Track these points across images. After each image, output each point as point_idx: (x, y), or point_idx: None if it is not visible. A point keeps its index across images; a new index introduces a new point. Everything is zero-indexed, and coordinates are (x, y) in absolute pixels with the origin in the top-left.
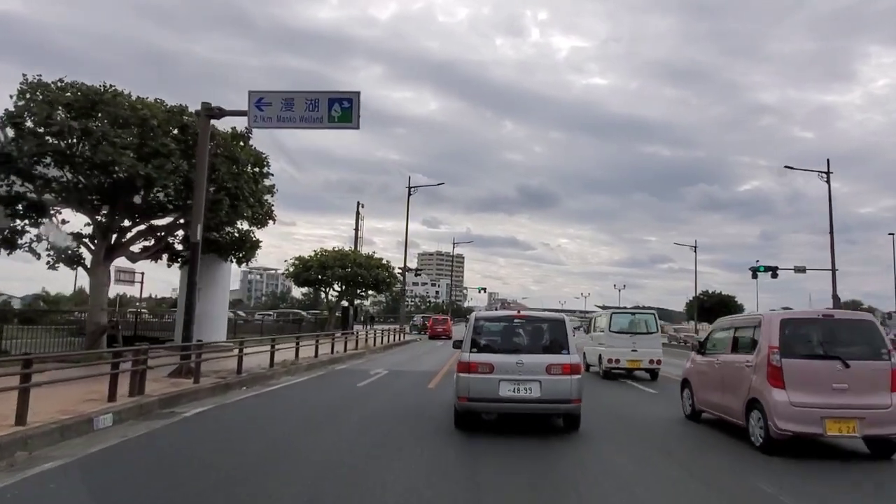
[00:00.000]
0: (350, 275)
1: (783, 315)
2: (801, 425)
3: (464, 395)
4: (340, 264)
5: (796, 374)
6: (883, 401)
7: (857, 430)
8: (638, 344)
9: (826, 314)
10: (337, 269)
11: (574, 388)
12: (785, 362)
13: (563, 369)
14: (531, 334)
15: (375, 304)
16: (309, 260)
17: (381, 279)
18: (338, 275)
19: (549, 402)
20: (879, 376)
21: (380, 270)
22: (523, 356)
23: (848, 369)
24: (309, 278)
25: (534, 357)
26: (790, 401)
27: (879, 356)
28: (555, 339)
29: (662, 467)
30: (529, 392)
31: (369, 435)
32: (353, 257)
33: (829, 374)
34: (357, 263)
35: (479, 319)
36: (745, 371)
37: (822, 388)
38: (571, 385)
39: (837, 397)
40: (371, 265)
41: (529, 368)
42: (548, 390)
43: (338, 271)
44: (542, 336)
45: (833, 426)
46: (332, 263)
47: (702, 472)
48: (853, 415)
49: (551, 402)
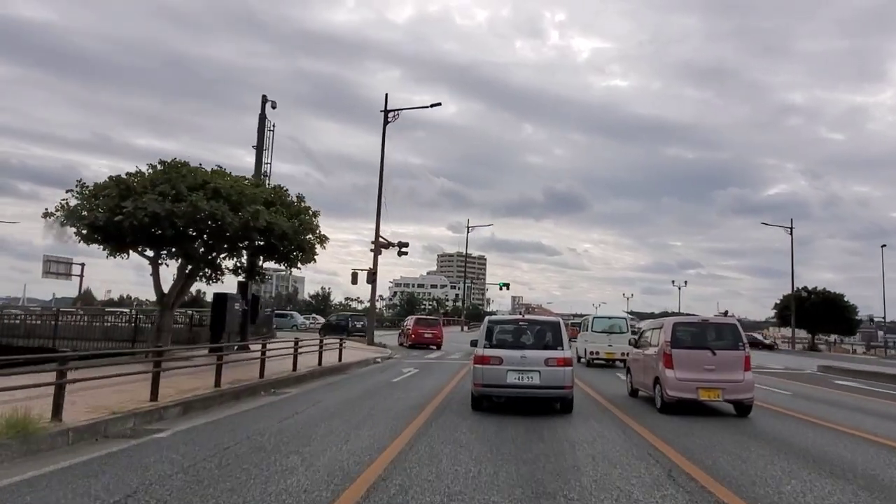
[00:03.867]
0: (228, 219)
1: (675, 320)
2: (683, 393)
3: (479, 382)
4: (190, 183)
5: (681, 359)
6: (738, 377)
7: (720, 396)
8: (613, 341)
9: (703, 319)
10: (189, 197)
11: (567, 377)
12: (674, 352)
13: (558, 362)
14: (533, 334)
15: (391, 306)
16: (111, 185)
17: (301, 237)
18: (187, 213)
19: (546, 388)
20: (736, 361)
21: (304, 222)
22: (526, 351)
23: (715, 356)
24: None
25: (535, 352)
26: (676, 377)
27: (737, 347)
28: (552, 337)
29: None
30: (531, 380)
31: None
32: (251, 190)
33: (702, 359)
34: (261, 201)
35: (492, 322)
36: (654, 358)
37: (698, 369)
38: (565, 374)
39: (707, 374)
40: (288, 206)
41: (531, 361)
42: (546, 378)
43: (188, 206)
44: (542, 335)
45: (704, 394)
46: (172, 183)
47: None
48: (717, 386)
49: (548, 388)
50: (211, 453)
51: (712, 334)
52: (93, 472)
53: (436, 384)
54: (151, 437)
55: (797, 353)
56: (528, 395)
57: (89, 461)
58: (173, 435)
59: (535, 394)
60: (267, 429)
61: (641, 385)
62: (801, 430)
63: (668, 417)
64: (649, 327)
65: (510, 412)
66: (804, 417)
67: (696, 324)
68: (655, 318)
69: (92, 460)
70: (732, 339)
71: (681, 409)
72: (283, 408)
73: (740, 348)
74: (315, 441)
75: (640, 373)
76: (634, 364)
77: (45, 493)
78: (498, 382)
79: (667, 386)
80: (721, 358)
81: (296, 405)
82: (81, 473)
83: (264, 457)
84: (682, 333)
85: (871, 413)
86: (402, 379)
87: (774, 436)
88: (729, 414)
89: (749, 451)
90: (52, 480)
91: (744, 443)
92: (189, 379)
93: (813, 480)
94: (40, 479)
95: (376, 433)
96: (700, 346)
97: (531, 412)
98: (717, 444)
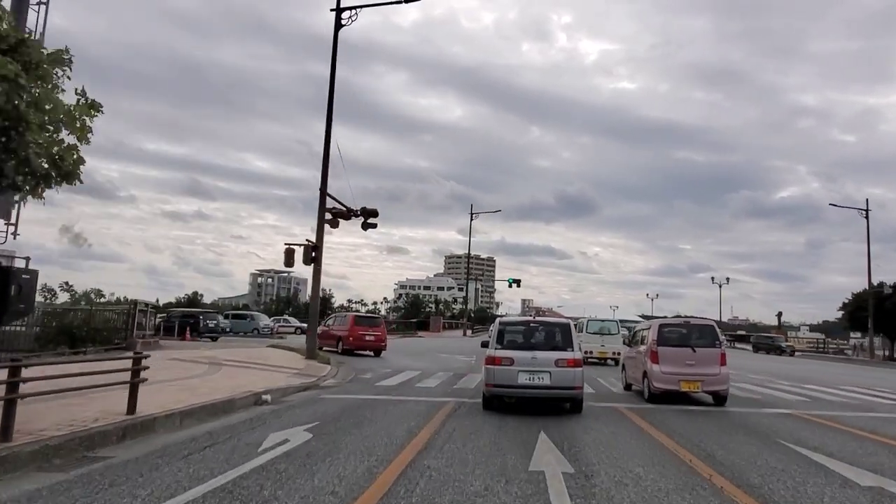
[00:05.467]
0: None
1: (661, 322)
2: (667, 385)
3: (490, 383)
4: None
5: (666, 355)
6: (715, 371)
7: (699, 387)
8: (605, 341)
9: (685, 321)
10: None
11: (577, 377)
12: (660, 349)
13: (569, 363)
14: (543, 335)
15: (395, 309)
16: None
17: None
18: None
19: (557, 388)
20: (714, 356)
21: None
22: (537, 352)
23: (695, 353)
24: None
25: (545, 353)
26: (661, 371)
27: (714, 345)
28: (562, 339)
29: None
30: (542, 380)
31: None
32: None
33: (684, 355)
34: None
35: (503, 324)
36: (643, 354)
37: (680, 364)
38: (575, 375)
39: (688, 369)
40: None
41: (542, 362)
42: (556, 379)
43: None
44: (553, 336)
45: (685, 385)
46: None
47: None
48: (697, 379)
49: (559, 388)
50: None
51: (693, 334)
52: None
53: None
54: None
55: (875, 364)
56: (538, 396)
57: None
58: None
59: (545, 394)
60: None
61: (634, 380)
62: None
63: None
64: (641, 328)
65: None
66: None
67: (679, 325)
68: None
69: None
70: (711, 339)
71: (665, 398)
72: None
73: (717, 346)
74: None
75: (632, 369)
76: (629, 361)
77: None
78: (509, 383)
79: (653, 379)
80: (700, 354)
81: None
82: None
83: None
84: (667, 333)
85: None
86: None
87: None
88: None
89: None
90: None
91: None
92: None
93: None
94: None
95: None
96: (682, 344)
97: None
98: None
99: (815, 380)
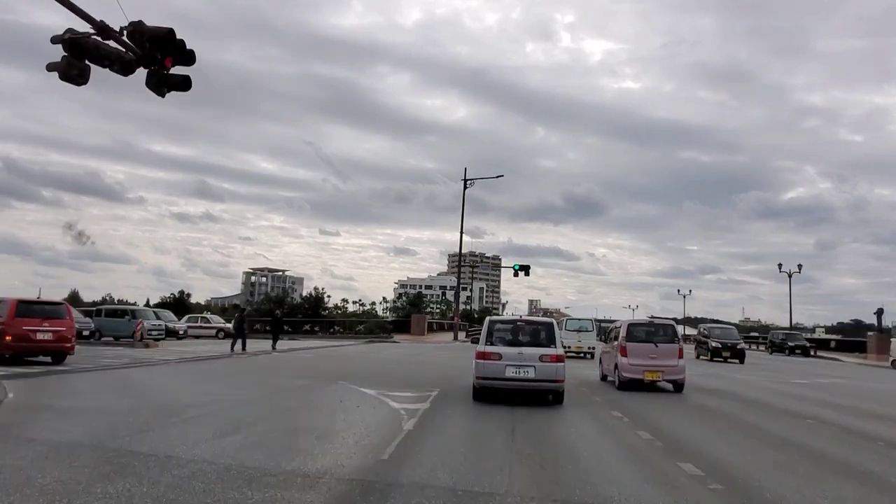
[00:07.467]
0: None
1: (629, 321)
2: (633, 374)
3: (480, 375)
4: None
5: (633, 350)
6: (673, 363)
7: (661, 377)
8: (581, 338)
9: (650, 320)
10: None
11: (559, 371)
12: (628, 344)
13: (551, 358)
14: (529, 333)
15: (394, 309)
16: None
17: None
18: None
19: (541, 381)
20: (673, 351)
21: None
22: (523, 348)
23: (657, 347)
24: None
25: (530, 349)
26: (629, 363)
27: (674, 341)
28: (546, 336)
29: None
30: (527, 374)
31: None
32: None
33: (648, 349)
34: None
35: (492, 322)
36: (614, 348)
37: (644, 357)
38: (557, 370)
39: (651, 361)
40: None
41: (527, 357)
42: (540, 373)
43: None
44: (537, 334)
45: (649, 375)
46: None
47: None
48: (658, 370)
49: (542, 381)
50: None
51: (657, 332)
52: None
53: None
54: None
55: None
56: (524, 388)
57: None
58: None
59: (530, 386)
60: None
61: (609, 371)
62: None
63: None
64: (614, 326)
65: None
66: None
67: (645, 323)
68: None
69: None
70: (671, 336)
71: (632, 386)
72: None
73: (676, 342)
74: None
75: (607, 362)
76: (605, 356)
77: None
78: (497, 376)
79: (621, 369)
80: (661, 349)
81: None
82: None
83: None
84: (634, 331)
85: None
86: None
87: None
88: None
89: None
90: None
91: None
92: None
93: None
94: None
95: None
96: (647, 340)
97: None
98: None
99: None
